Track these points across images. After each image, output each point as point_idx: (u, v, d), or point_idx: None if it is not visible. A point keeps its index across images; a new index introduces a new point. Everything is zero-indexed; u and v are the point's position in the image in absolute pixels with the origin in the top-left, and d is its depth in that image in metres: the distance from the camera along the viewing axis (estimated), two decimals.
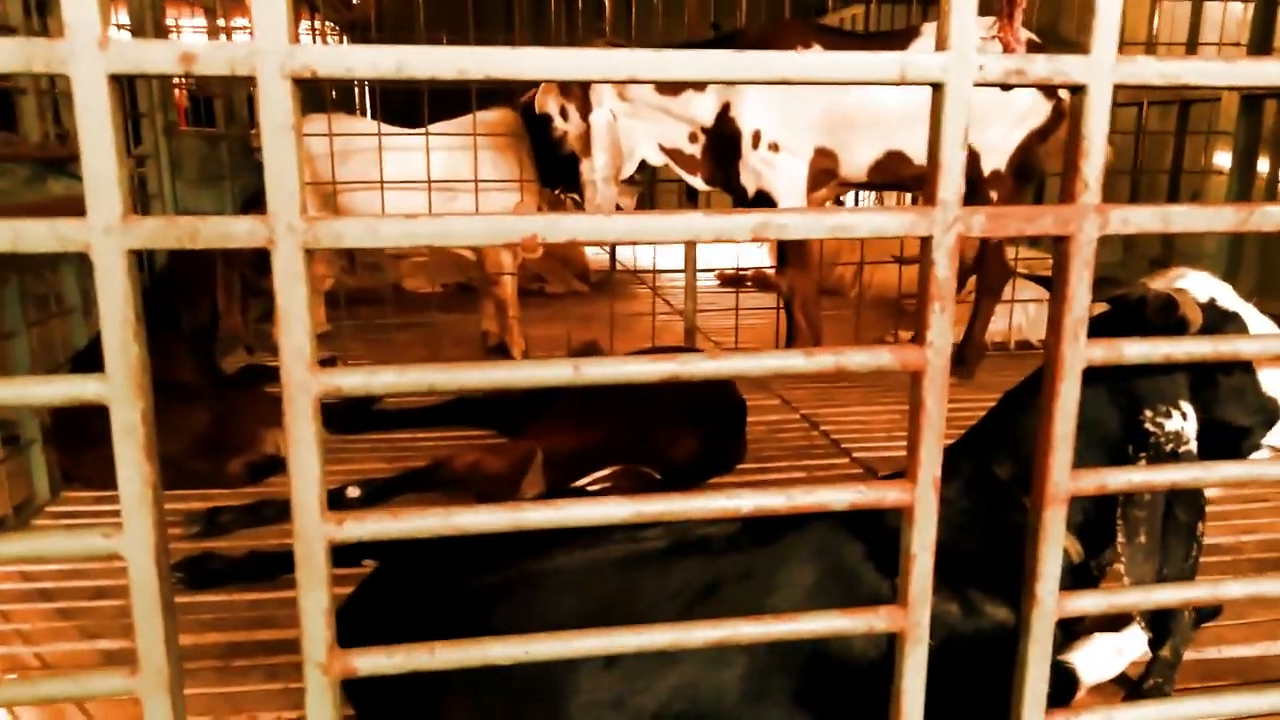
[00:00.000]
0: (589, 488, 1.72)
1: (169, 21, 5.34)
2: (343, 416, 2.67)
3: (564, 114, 3.22)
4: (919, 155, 2.99)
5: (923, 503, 1.04)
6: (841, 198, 4.85)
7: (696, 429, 2.16)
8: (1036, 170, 3.26)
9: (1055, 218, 1.02)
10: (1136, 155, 3.97)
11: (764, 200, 3.18)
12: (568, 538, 1.08)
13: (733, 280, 5.71)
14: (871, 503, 1.02)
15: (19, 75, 2.48)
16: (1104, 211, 1.06)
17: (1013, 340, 3.75)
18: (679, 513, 0.99)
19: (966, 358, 3.24)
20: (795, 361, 1.01)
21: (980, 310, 3.23)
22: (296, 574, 0.92)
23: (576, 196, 3.44)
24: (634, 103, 3.14)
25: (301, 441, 0.94)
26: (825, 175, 3.15)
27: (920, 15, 6.43)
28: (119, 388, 0.94)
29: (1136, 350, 1.09)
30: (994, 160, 3.01)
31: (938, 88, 1.00)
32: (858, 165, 3.10)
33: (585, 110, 3.16)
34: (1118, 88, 1.07)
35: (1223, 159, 4.01)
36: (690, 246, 3.78)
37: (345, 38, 7.40)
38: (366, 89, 7.17)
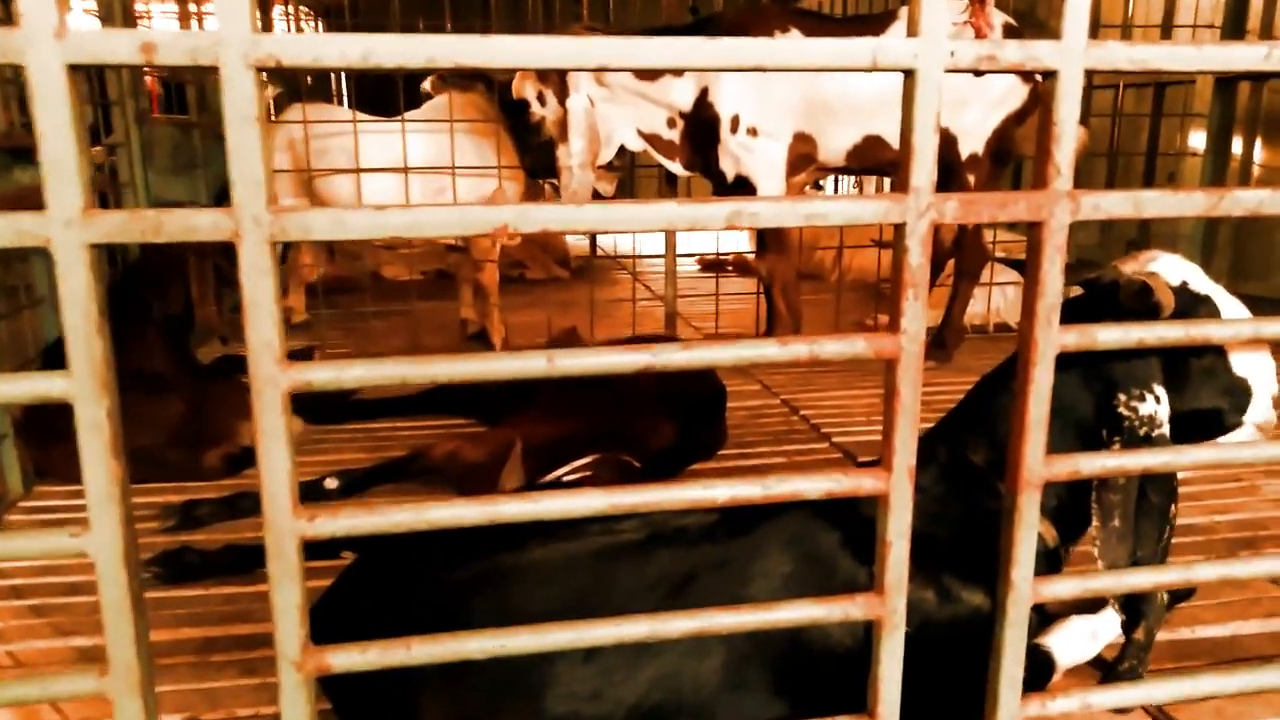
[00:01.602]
0: (567, 477, 1.72)
1: (139, 8, 5.26)
2: (320, 407, 2.65)
3: (541, 99, 3.20)
4: (897, 140, 2.99)
5: (898, 490, 1.04)
6: (821, 182, 4.86)
7: (676, 416, 2.16)
8: (1013, 153, 3.27)
9: (1028, 204, 1.02)
10: (1113, 138, 3.99)
11: (743, 185, 3.17)
12: (544, 529, 1.08)
13: (713, 265, 5.70)
14: (847, 491, 1.02)
15: None
16: (1076, 197, 1.07)
17: (991, 323, 3.77)
18: (654, 504, 0.99)
19: (945, 341, 3.26)
20: (770, 351, 1.01)
21: (958, 293, 3.24)
22: (269, 570, 0.91)
23: (555, 182, 3.42)
24: (611, 88, 3.12)
25: (271, 436, 0.93)
26: (804, 160, 3.15)
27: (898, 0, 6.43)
28: (83, 385, 0.93)
29: (1110, 336, 1.09)
30: (971, 144, 3.02)
31: (909, 74, 1.00)
32: (836, 150, 3.10)
33: (562, 95, 3.13)
34: (1089, 73, 1.07)
35: (1198, 140, 4.04)
36: (670, 233, 3.77)
37: (320, 23, 7.31)
38: (343, 76, 7.09)
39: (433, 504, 0.93)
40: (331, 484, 2.01)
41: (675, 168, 3.32)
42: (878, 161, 3.16)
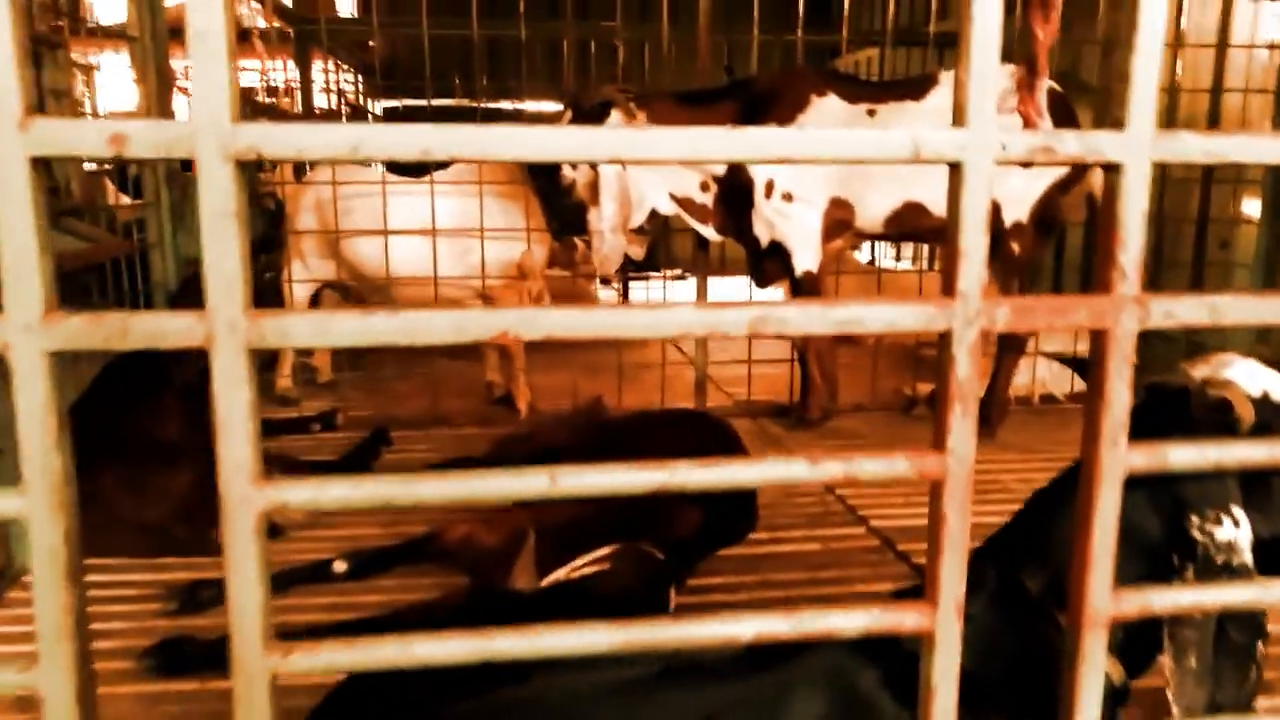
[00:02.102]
0: (585, 569, 1.62)
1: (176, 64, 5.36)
2: (339, 472, 2.57)
3: (572, 162, 3.15)
4: (937, 207, 2.90)
5: (944, 629, 0.92)
6: (857, 248, 4.77)
7: (703, 499, 2.06)
8: (1059, 221, 3.17)
9: (1089, 310, 0.92)
10: (1160, 204, 3.87)
11: (777, 252, 3.09)
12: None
13: None
14: (886, 629, 0.91)
15: None
16: (1144, 303, 0.96)
17: (1036, 395, 3.63)
18: (670, 641, 0.89)
19: (989, 416, 3.12)
20: (799, 471, 0.91)
21: (1002, 367, 3.12)
22: (235, 714, 0.82)
23: (587, 239, 3.36)
24: None
25: (243, 564, 0.84)
26: (840, 226, 3.06)
27: (936, 58, 6.38)
28: (39, 505, 0.84)
29: (1184, 456, 0.97)
30: (1015, 211, 2.92)
31: (955, 167, 0.91)
32: (874, 216, 3.01)
33: None
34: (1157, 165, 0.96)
35: (1252, 207, 3.90)
36: (701, 291, 3.68)
37: (359, 78, 7.42)
38: None
39: (418, 639, 0.84)
40: (340, 567, 1.93)
41: (708, 232, 3.25)
42: (918, 228, 3.07)
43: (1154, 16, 0.89)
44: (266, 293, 3.22)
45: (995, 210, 2.92)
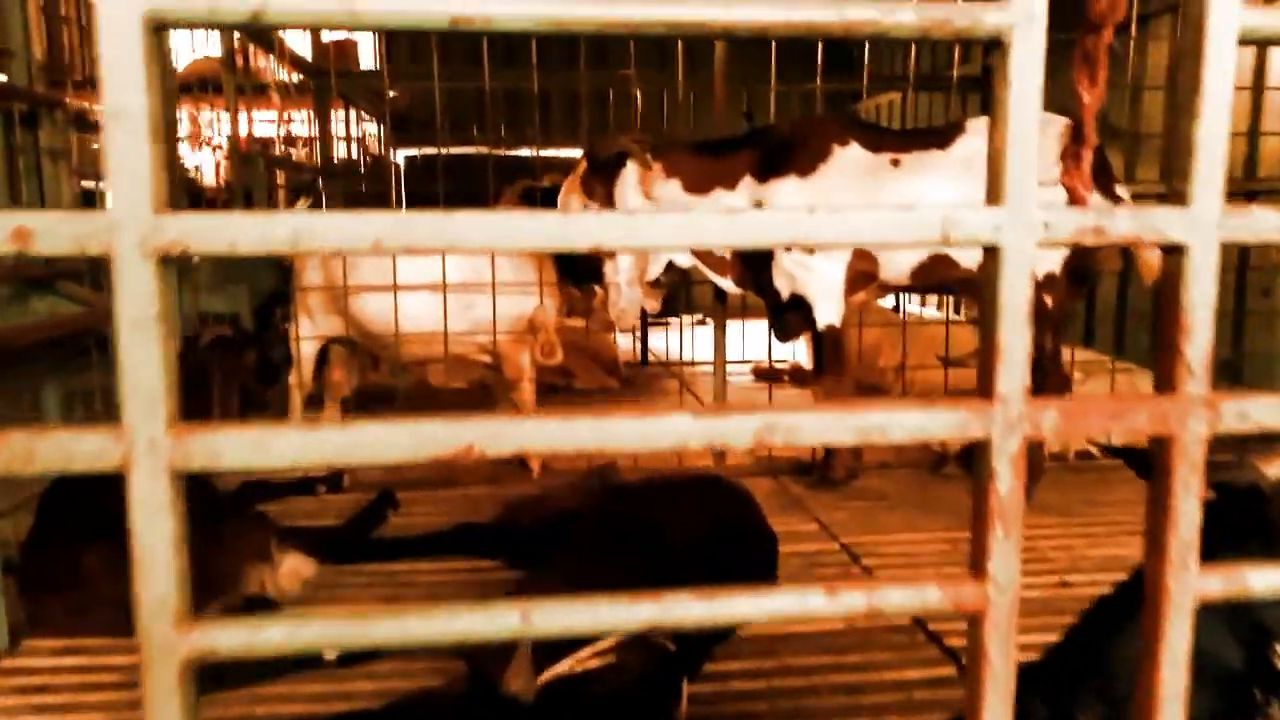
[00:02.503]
0: (588, 662, 1.49)
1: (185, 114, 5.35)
2: (337, 546, 2.47)
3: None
4: (966, 258, 2.79)
5: None
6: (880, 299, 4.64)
7: (720, 576, 1.92)
8: (1093, 271, 3.04)
9: (1151, 414, 0.80)
10: None
11: (798, 305, 2.98)
12: None
13: (768, 375, 5.48)
14: None
15: None
16: (1214, 404, 0.83)
17: (1071, 451, 3.46)
18: None
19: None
20: (816, 603, 0.79)
21: None
22: None
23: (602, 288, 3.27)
24: (660, 202, 2.98)
25: None
26: (864, 278, 2.95)
27: (960, 103, 6.29)
28: None
29: (1268, 580, 0.84)
30: (1047, 263, 2.79)
31: (991, 251, 0.79)
32: (899, 268, 2.90)
33: (609, 209, 3.01)
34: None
35: None
36: (720, 343, 3.57)
37: (383, 127, 7.44)
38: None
39: None
40: (330, 654, 1.81)
41: (726, 284, 3.15)
42: (945, 280, 2.95)
43: (1221, 80, 0.77)
44: (277, 349, 3.14)
45: None
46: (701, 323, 7.12)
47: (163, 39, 0.72)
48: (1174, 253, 0.81)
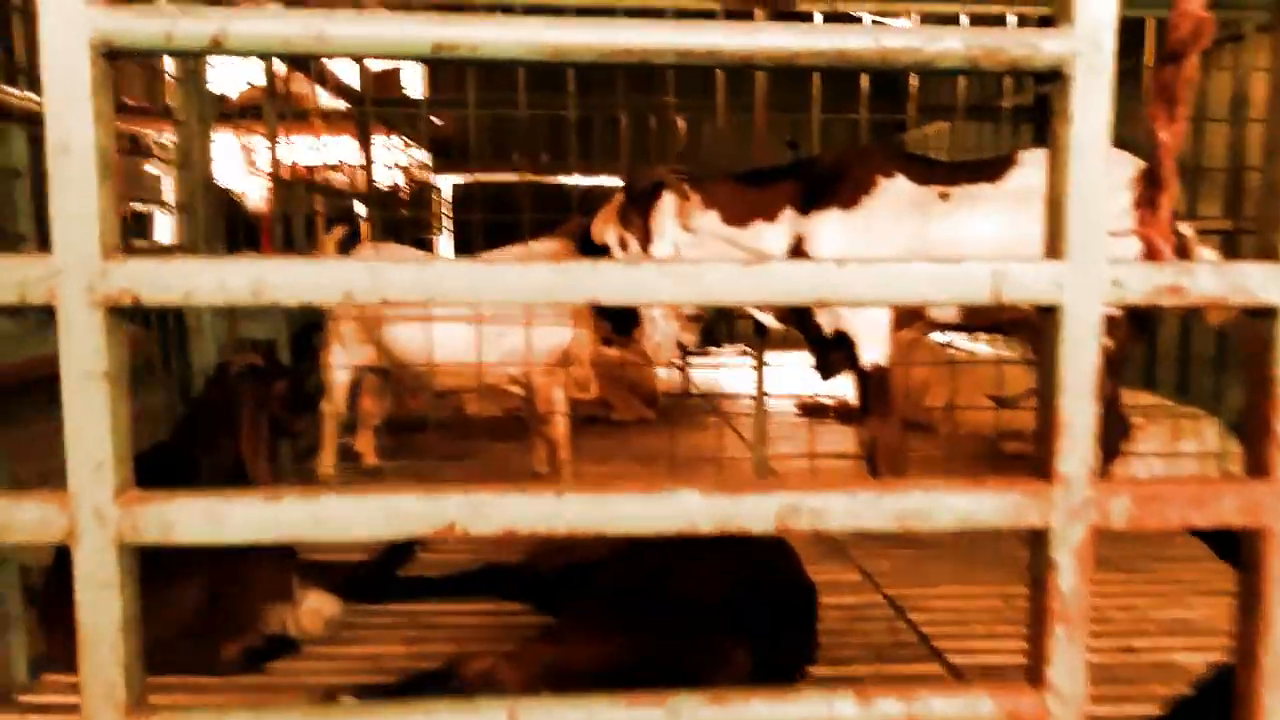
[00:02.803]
0: None
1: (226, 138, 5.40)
2: (361, 584, 2.40)
3: (623, 245, 3.00)
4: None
5: None
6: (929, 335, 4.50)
7: (753, 631, 1.82)
8: (1155, 312, 2.88)
9: (1242, 502, 0.69)
10: None
11: (841, 343, 2.87)
12: None
13: (813, 410, 5.35)
14: None
15: None
16: None
17: None
18: None
19: None
20: (845, 710, 0.69)
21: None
22: None
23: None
24: (699, 233, 2.90)
25: None
26: (911, 315, 2.83)
27: (1012, 132, 6.13)
28: None
29: None
30: None
31: (1051, 311, 0.70)
32: (948, 306, 2.77)
33: (646, 241, 2.93)
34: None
35: None
36: (760, 379, 3.46)
37: (430, 154, 7.49)
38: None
39: None
40: (349, 702, 1.73)
41: (767, 320, 3.06)
42: (996, 320, 2.82)
43: None
44: (311, 378, 3.11)
45: None
46: (745, 353, 7.01)
47: (112, 66, 0.65)
48: (1264, 316, 0.70)
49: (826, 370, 3.03)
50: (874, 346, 2.82)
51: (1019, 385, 3.92)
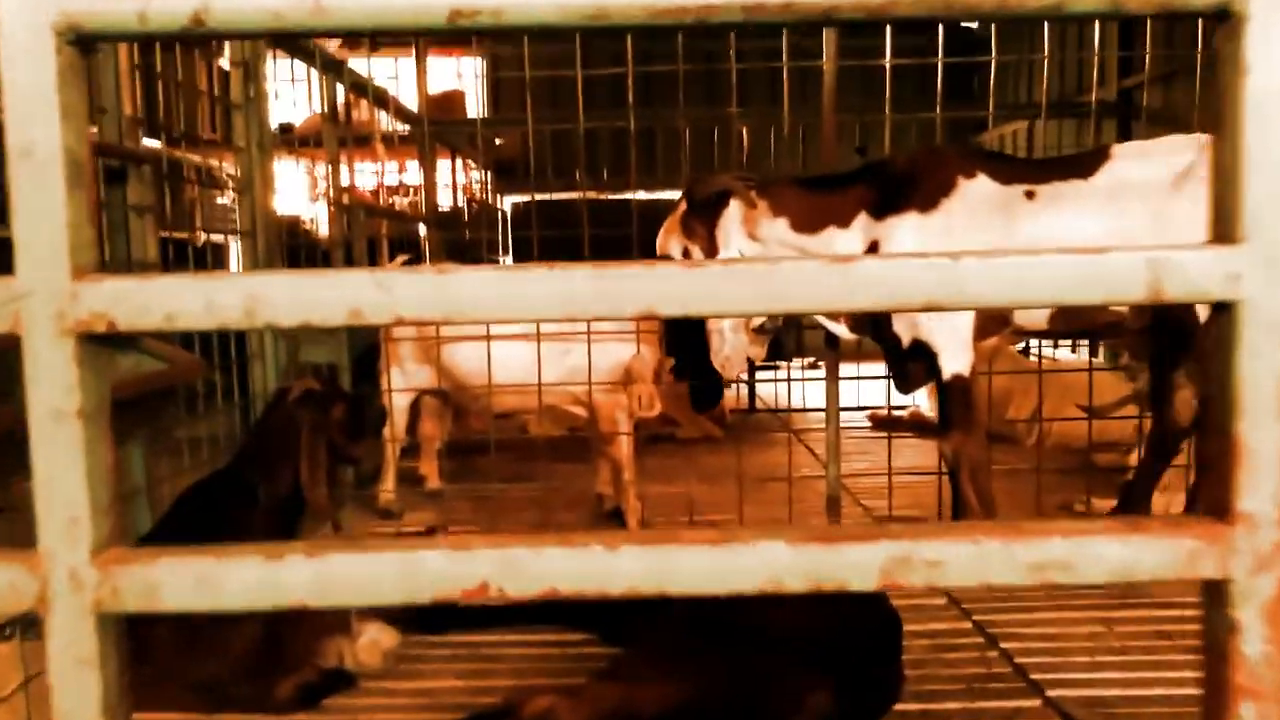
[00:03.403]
0: None
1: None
2: (420, 614, 2.32)
3: (686, 255, 2.89)
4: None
5: None
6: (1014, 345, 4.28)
7: (835, 669, 1.68)
8: None
9: None
10: None
11: (921, 352, 2.71)
12: None
13: (886, 423, 5.14)
14: None
15: None
16: None
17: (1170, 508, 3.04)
18: None
19: None
20: None
21: (1151, 477, 2.59)
22: None
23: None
24: (766, 242, 2.78)
25: None
26: (995, 323, 2.66)
27: (1094, 129, 5.86)
28: None
29: None
30: None
31: (1227, 307, 0.56)
32: (1036, 311, 2.60)
33: (711, 251, 2.82)
34: None
35: None
36: (832, 393, 3.30)
37: (490, 177, 7.49)
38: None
39: None
40: None
41: (840, 330, 2.91)
42: (1091, 325, 2.63)
43: None
44: (372, 403, 3.06)
45: (1189, 304, 2.45)
46: (813, 365, 6.82)
47: (83, 57, 0.57)
48: None
49: (905, 383, 2.87)
50: (956, 356, 2.65)
51: (1110, 394, 3.69)
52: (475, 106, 8.16)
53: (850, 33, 3.24)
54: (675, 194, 6.21)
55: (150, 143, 3.06)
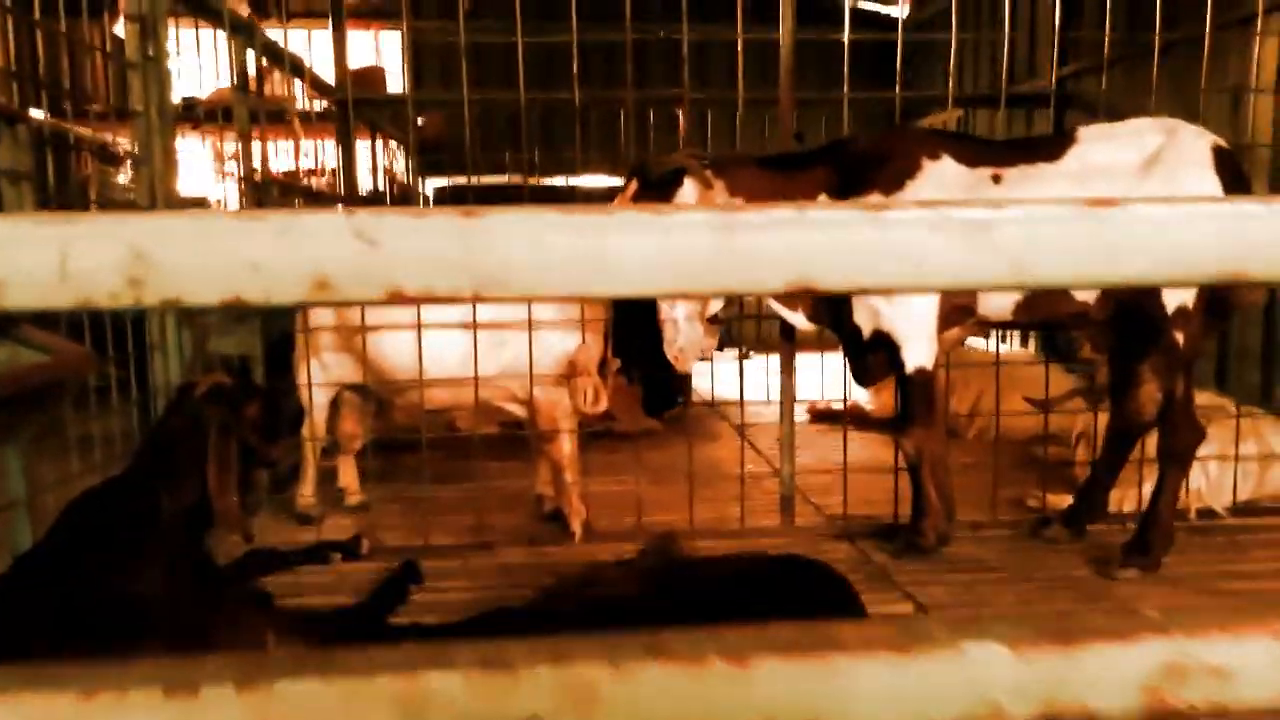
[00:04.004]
0: None
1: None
2: (351, 633, 2.09)
3: None
4: (1081, 290, 2.37)
5: None
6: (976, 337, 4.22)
7: None
8: (1232, 305, 2.61)
9: None
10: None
11: (882, 342, 2.58)
12: None
13: (825, 416, 5.06)
14: None
15: None
16: None
17: (1192, 509, 3.01)
18: None
19: (1149, 543, 2.52)
20: None
21: (1165, 483, 2.52)
22: None
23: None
24: None
25: None
26: (960, 313, 2.55)
27: (1024, 120, 5.87)
28: None
29: None
30: (1180, 293, 2.37)
31: None
32: (1001, 302, 2.50)
33: None
34: None
35: None
36: (788, 386, 3.14)
37: (410, 158, 7.15)
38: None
39: None
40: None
41: (798, 319, 2.76)
42: (1054, 314, 2.54)
43: None
44: (288, 399, 2.77)
45: (1154, 292, 2.38)
46: (745, 356, 6.70)
47: None
48: None
49: (864, 375, 2.74)
50: (919, 348, 2.53)
51: (1053, 388, 3.65)
52: (397, 83, 7.80)
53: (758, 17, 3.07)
54: (608, 180, 5.99)
55: (35, 114, 2.72)
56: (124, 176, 6.29)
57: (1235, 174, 2.40)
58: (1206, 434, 2.59)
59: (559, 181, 6.04)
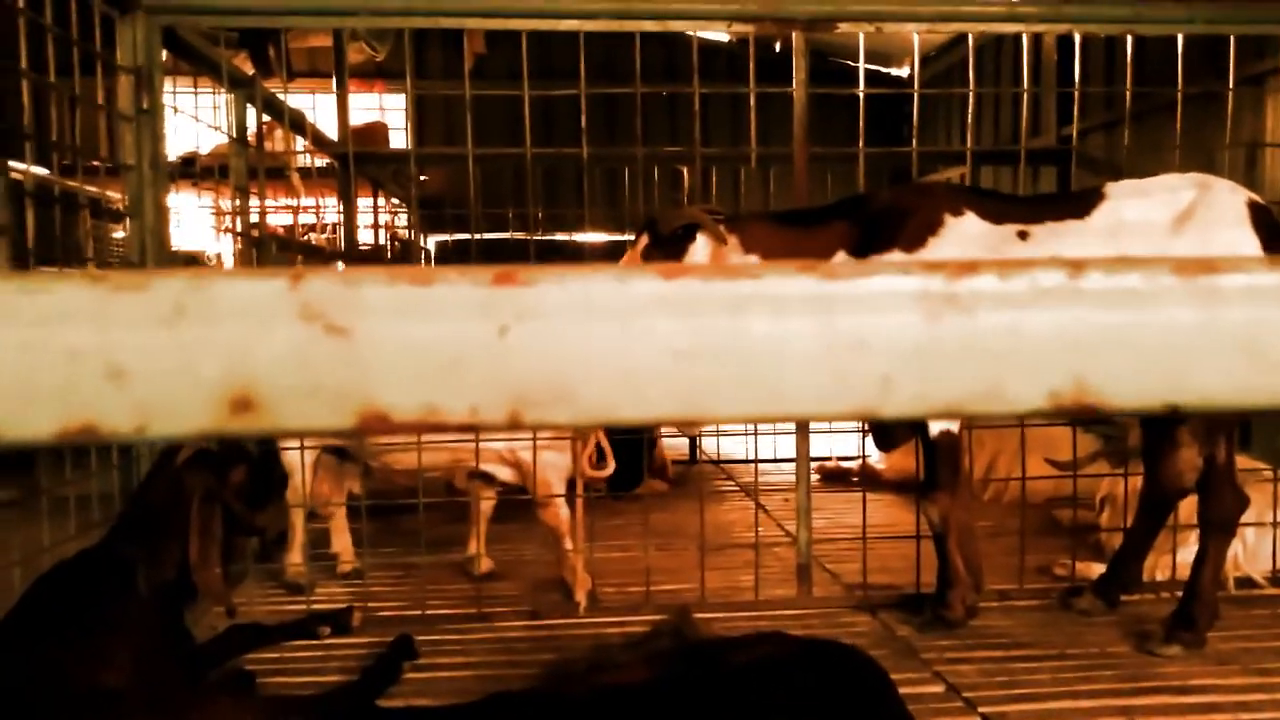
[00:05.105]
0: None
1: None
2: (335, 718, 1.93)
3: None
4: None
5: None
6: None
7: None
8: None
9: None
10: None
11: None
12: None
13: (836, 476, 4.90)
14: None
15: None
16: None
17: (1230, 577, 2.85)
18: None
19: (1193, 618, 2.37)
20: None
21: (1209, 555, 2.37)
22: None
23: None
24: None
25: None
26: None
27: (1030, 177, 5.81)
28: None
29: None
30: None
31: None
32: None
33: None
34: None
35: None
36: (803, 448, 2.99)
37: (410, 214, 7.09)
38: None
39: None
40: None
41: None
42: None
43: None
44: (273, 462, 2.63)
45: None
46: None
47: None
48: None
49: (885, 439, 2.62)
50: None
51: (1070, 450, 3.51)
52: (400, 140, 7.78)
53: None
54: (611, 236, 5.90)
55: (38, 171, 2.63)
56: (122, 233, 6.22)
57: (1273, 230, 2.30)
58: (1247, 500, 2.45)
59: (562, 237, 5.98)
